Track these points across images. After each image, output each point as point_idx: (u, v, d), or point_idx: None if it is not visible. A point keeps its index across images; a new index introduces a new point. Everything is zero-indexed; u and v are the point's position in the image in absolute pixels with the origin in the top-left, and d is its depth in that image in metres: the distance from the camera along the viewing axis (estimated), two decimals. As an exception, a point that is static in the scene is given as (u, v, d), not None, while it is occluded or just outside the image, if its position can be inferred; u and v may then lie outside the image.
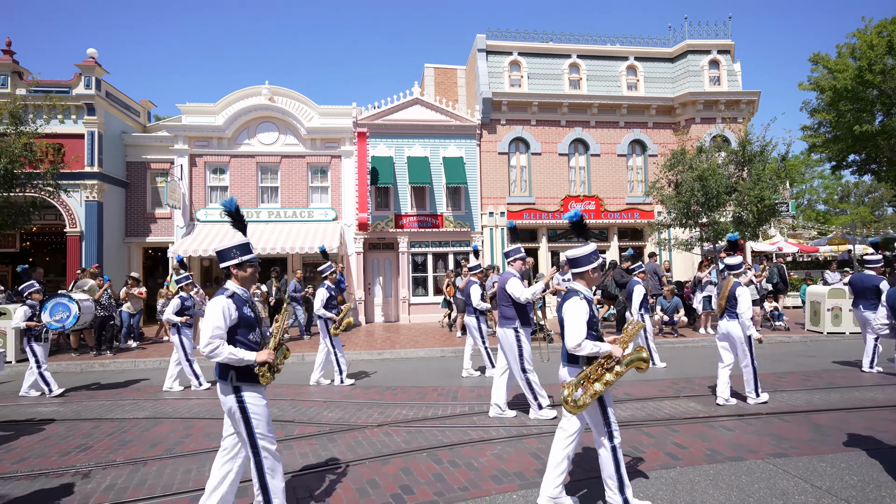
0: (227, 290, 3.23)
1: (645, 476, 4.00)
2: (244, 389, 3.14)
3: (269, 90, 15.35)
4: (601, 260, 3.50)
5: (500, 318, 5.75)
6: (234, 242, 3.30)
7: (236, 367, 3.14)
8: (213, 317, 3.08)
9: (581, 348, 3.25)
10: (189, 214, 14.97)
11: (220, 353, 3.04)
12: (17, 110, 11.69)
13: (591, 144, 16.84)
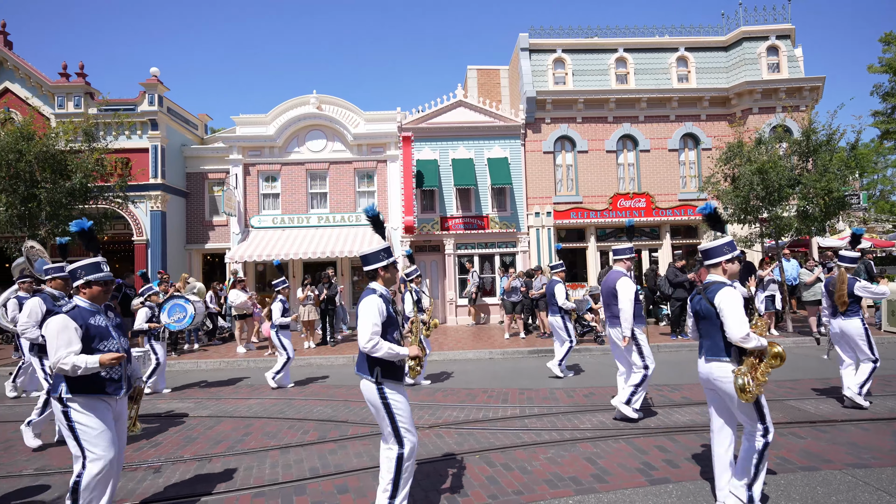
0: (376, 291, 3.35)
1: (709, 483, 3.82)
2: (387, 385, 3.27)
3: (317, 99, 15.80)
4: (737, 251, 3.47)
5: (609, 318, 5.64)
6: (379, 246, 3.46)
7: (381, 364, 3.26)
8: (370, 315, 3.21)
9: (748, 339, 3.14)
10: (244, 221, 15.60)
11: (379, 348, 3.17)
12: (90, 128, 12.58)
13: (640, 140, 16.33)
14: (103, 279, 3.32)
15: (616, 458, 4.42)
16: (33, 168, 11.60)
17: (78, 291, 3.31)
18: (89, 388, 3.12)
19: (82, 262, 3.31)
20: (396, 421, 3.25)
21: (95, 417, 3.11)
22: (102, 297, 3.35)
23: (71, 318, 3.11)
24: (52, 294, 5.42)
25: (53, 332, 3.04)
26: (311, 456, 4.72)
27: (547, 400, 6.55)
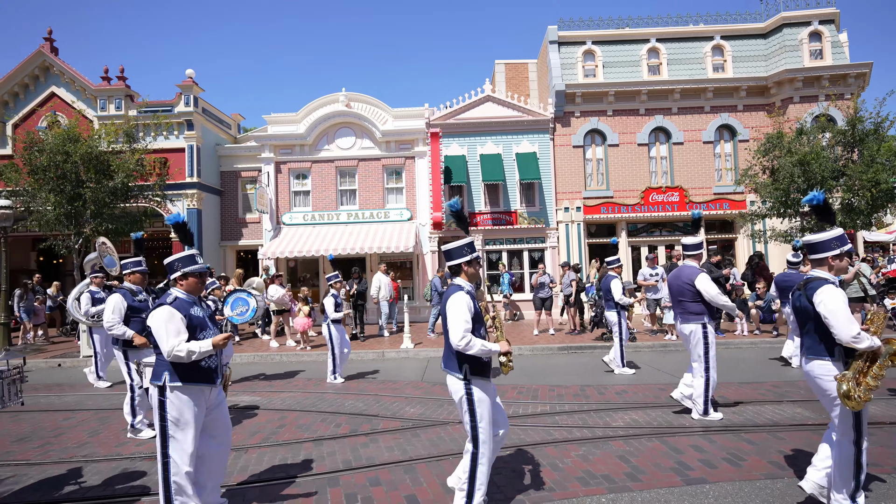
0: (462, 287, 3.33)
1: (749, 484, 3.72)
2: (474, 382, 3.24)
3: (346, 97, 15.97)
4: (848, 246, 3.25)
5: (682, 314, 5.47)
6: (463, 241, 3.41)
7: (470, 361, 3.24)
8: (461, 312, 3.18)
9: (860, 339, 2.93)
10: (276, 218, 15.93)
11: (473, 345, 3.13)
12: (130, 130, 13.05)
13: (674, 132, 15.92)
14: (199, 270, 3.39)
15: (650, 457, 4.34)
16: (79, 169, 12.12)
17: (175, 283, 3.38)
18: (192, 376, 3.19)
19: (178, 255, 3.40)
20: (476, 421, 3.22)
21: (190, 408, 3.16)
22: (198, 287, 3.43)
23: (175, 309, 3.20)
24: (131, 289, 5.53)
25: (161, 323, 3.13)
26: (343, 448, 4.80)
27: (578, 397, 6.49)
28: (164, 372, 3.17)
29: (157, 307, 3.22)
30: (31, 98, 15.84)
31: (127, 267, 5.66)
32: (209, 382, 3.27)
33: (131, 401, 5.33)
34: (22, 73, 15.62)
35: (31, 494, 4.00)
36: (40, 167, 12.05)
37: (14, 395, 3.43)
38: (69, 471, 4.49)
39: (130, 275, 5.63)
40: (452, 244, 3.43)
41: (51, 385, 8.45)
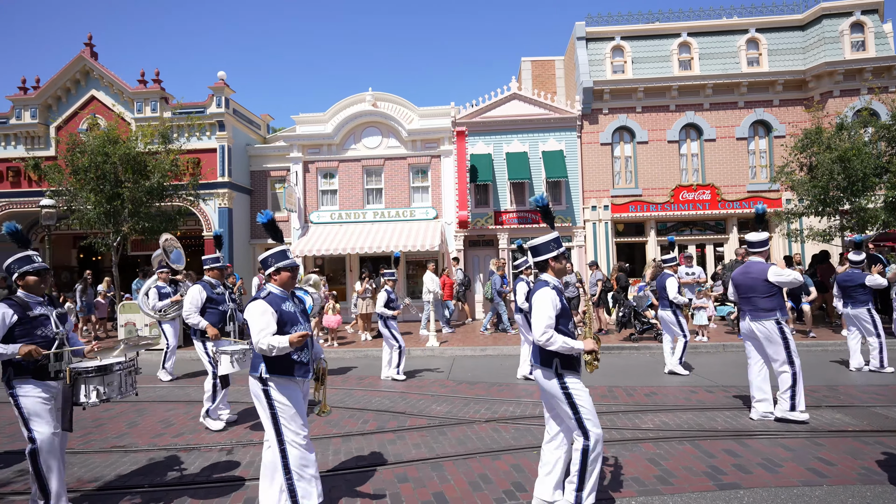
0: (549, 283, 3.36)
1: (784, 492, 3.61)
2: (566, 376, 3.27)
3: (373, 96, 16.10)
4: None
5: (753, 311, 5.33)
6: (549, 237, 3.43)
7: (560, 356, 3.26)
8: (545, 307, 3.21)
9: None
10: (304, 217, 16.18)
11: (554, 341, 3.16)
12: (166, 131, 13.45)
13: (705, 129, 15.53)
14: (291, 265, 3.49)
15: (681, 461, 4.26)
16: (117, 169, 12.55)
17: (269, 279, 3.50)
18: (284, 369, 3.30)
19: (272, 251, 3.52)
20: (580, 412, 3.21)
21: (290, 398, 3.29)
22: (291, 282, 3.53)
23: (268, 304, 3.31)
24: (210, 281, 5.78)
25: (256, 315, 3.26)
26: (371, 445, 4.86)
27: (606, 398, 6.41)
28: (260, 364, 3.30)
29: (252, 301, 3.36)
30: (73, 101, 16.47)
31: (207, 263, 5.89)
32: (302, 375, 3.37)
33: (213, 388, 5.50)
34: (64, 78, 16.25)
35: (77, 481, 4.18)
36: (81, 168, 12.52)
37: (129, 386, 3.58)
38: (111, 460, 4.68)
39: (210, 270, 5.87)
40: (539, 240, 3.43)
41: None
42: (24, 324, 3.41)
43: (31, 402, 3.35)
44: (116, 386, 3.48)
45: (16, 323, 3.38)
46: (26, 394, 3.36)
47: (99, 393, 3.38)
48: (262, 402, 3.29)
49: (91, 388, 3.36)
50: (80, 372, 3.35)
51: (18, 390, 3.36)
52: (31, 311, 3.47)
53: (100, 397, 3.37)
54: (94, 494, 3.96)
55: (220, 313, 5.69)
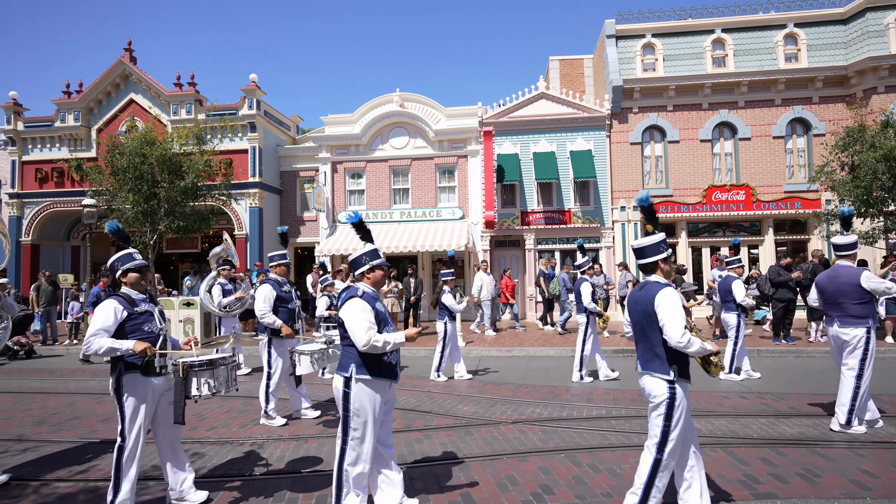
0: (665, 284, 3.27)
1: None
2: (679, 384, 3.13)
3: (400, 97, 16.21)
4: None
5: (842, 318, 5.15)
6: (657, 238, 3.34)
7: (679, 361, 3.14)
8: (677, 309, 3.09)
9: None
10: (332, 216, 16.41)
11: (692, 343, 3.03)
12: (200, 132, 13.82)
13: (740, 127, 15.10)
14: (384, 264, 3.47)
15: (714, 468, 4.16)
16: (154, 170, 12.95)
17: (362, 277, 3.47)
18: (373, 370, 3.25)
19: (365, 250, 3.48)
20: (671, 427, 3.07)
21: (371, 402, 3.23)
22: (382, 281, 3.51)
23: (366, 302, 3.27)
24: (277, 279, 5.75)
25: (356, 312, 3.21)
26: (398, 443, 4.89)
27: (635, 402, 6.30)
28: (351, 364, 3.26)
29: (347, 299, 3.31)
30: (113, 105, 17.10)
31: (273, 259, 5.85)
32: (392, 378, 3.34)
33: (266, 387, 5.51)
34: (105, 82, 16.88)
35: (116, 471, 4.34)
36: (121, 169, 12.97)
37: (233, 381, 3.62)
38: (149, 450, 4.83)
39: (276, 267, 5.81)
40: (645, 241, 3.35)
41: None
42: (133, 319, 3.47)
43: (134, 401, 3.38)
44: (223, 380, 3.52)
45: (125, 319, 3.44)
46: (132, 391, 3.38)
47: (210, 386, 3.43)
48: (340, 402, 3.28)
49: (202, 382, 3.41)
50: (192, 366, 3.40)
51: (126, 387, 3.39)
52: (137, 306, 3.53)
53: (210, 390, 3.42)
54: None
55: (290, 311, 5.67)
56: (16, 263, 17.16)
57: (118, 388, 3.39)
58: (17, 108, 17.37)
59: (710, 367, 3.26)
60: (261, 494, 3.82)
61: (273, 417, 5.54)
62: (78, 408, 6.50)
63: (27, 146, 17.50)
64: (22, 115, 17.49)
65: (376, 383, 3.27)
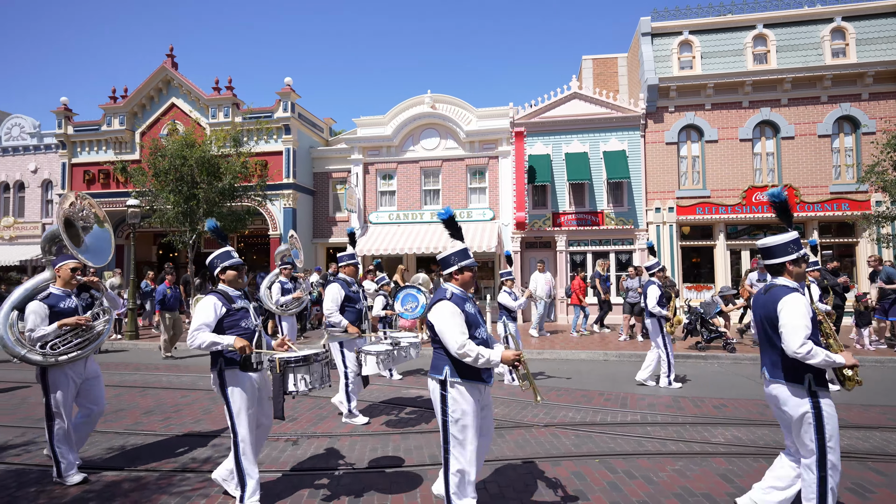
0: (789, 286, 3.08)
1: (878, 521, 3.31)
2: (821, 395, 2.95)
3: (431, 98, 16.27)
4: None
5: None
6: (787, 237, 3.13)
7: (814, 371, 2.95)
8: (800, 315, 2.92)
9: None
10: (363, 217, 16.60)
11: (815, 354, 2.85)
12: (237, 135, 14.21)
13: (783, 126, 14.54)
14: (473, 265, 3.32)
15: (756, 478, 3.96)
16: (194, 171, 13.39)
17: (450, 278, 3.32)
18: (470, 373, 3.13)
19: (453, 250, 3.33)
20: (825, 439, 2.88)
21: (470, 405, 3.11)
22: (472, 282, 3.35)
23: (455, 304, 3.14)
24: (346, 279, 5.76)
25: (447, 316, 3.09)
26: (429, 443, 4.89)
27: (671, 408, 6.13)
28: (445, 366, 3.15)
29: (436, 302, 3.20)
30: (156, 109, 17.74)
31: (342, 260, 5.86)
32: (486, 380, 3.21)
33: (346, 387, 5.53)
34: (148, 87, 17.54)
35: (159, 461, 4.49)
36: (162, 170, 13.47)
37: (326, 377, 3.61)
38: (189, 443, 4.99)
39: (345, 267, 5.81)
40: (773, 240, 3.14)
41: (169, 366, 9.43)
42: (231, 315, 3.55)
43: (239, 394, 3.47)
44: (318, 376, 3.53)
45: (224, 315, 3.52)
46: (234, 386, 3.48)
47: (306, 382, 3.43)
48: (437, 408, 3.18)
49: (299, 378, 3.41)
50: (289, 362, 3.41)
51: (228, 382, 3.48)
52: (234, 303, 3.60)
53: (307, 386, 3.43)
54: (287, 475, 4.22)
55: (357, 311, 5.66)
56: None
57: (222, 383, 3.50)
58: (68, 113, 18.22)
59: (845, 382, 3.05)
60: (350, 493, 3.82)
61: (356, 416, 5.56)
62: (123, 400, 6.76)
63: (76, 149, 18.34)
64: (71, 120, 18.34)
65: (472, 386, 3.14)
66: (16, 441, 5.11)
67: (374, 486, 3.95)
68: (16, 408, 6.51)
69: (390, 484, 3.98)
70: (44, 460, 4.53)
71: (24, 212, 19.24)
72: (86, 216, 4.34)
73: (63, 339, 4.01)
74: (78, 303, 4.22)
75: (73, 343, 4.05)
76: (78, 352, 4.06)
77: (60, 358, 3.97)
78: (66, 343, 4.02)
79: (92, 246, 4.30)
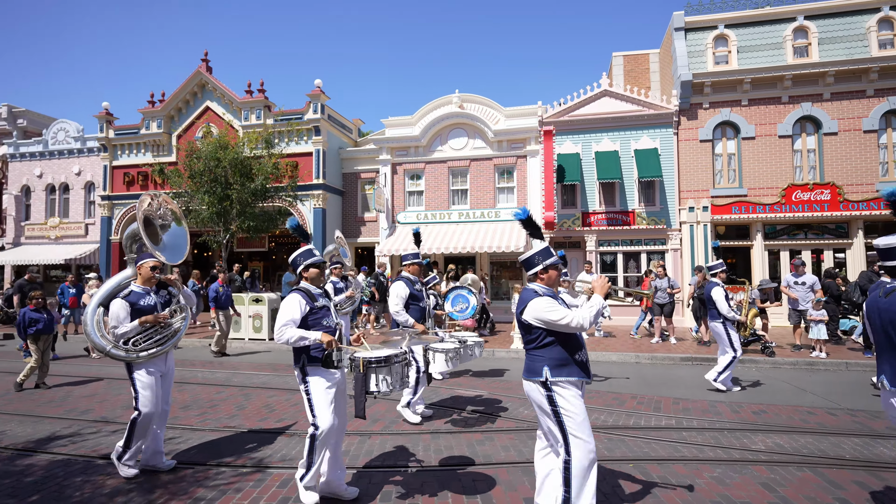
0: None
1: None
2: None
3: (459, 98, 16.25)
4: None
5: None
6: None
7: None
8: None
9: None
10: (391, 217, 16.70)
11: None
12: (269, 137, 14.49)
13: (825, 121, 13.97)
14: (557, 263, 3.31)
15: (801, 489, 3.85)
16: (227, 173, 13.72)
17: (535, 278, 3.31)
18: (569, 371, 3.12)
19: (537, 249, 3.34)
20: None
21: (577, 402, 3.08)
22: (557, 281, 3.34)
23: (551, 297, 3.18)
24: (409, 278, 5.80)
25: (553, 306, 3.08)
26: (460, 444, 4.88)
27: (707, 413, 5.96)
28: (543, 367, 3.13)
29: (530, 301, 3.17)
30: (191, 112, 18.26)
31: (407, 258, 5.90)
32: (585, 377, 3.18)
33: (416, 381, 5.53)
34: (184, 91, 18.06)
35: (195, 455, 4.61)
36: (197, 172, 13.85)
37: (406, 378, 3.60)
38: (224, 439, 5.10)
39: (409, 265, 5.86)
40: (891, 239, 3.07)
41: (204, 362, 9.68)
42: (313, 314, 3.61)
43: (321, 390, 3.54)
44: (399, 377, 3.52)
45: (307, 312, 3.58)
46: (317, 382, 3.55)
47: (388, 383, 3.43)
48: (545, 409, 3.12)
49: (381, 378, 3.42)
50: (371, 362, 3.42)
51: (311, 378, 3.56)
52: (317, 301, 3.66)
53: (388, 387, 3.43)
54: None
55: (421, 310, 5.69)
56: (107, 259, 18.71)
57: (304, 378, 3.58)
58: (109, 118, 18.92)
59: None
60: (424, 493, 3.83)
61: (415, 412, 5.58)
62: (160, 395, 6.96)
63: (116, 152, 19.03)
64: (112, 124, 19.04)
65: (572, 383, 3.13)
66: (63, 432, 5.33)
67: (447, 485, 3.95)
68: (62, 400, 6.79)
69: (465, 484, 3.98)
70: (89, 451, 4.71)
71: (69, 212, 20.08)
72: (163, 214, 4.43)
73: (144, 335, 4.15)
74: (157, 300, 4.34)
75: (153, 340, 4.18)
76: (157, 348, 4.19)
77: (141, 354, 4.11)
78: (147, 339, 4.16)
79: (169, 243, 4.40)
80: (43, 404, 6.59)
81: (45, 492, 3.87)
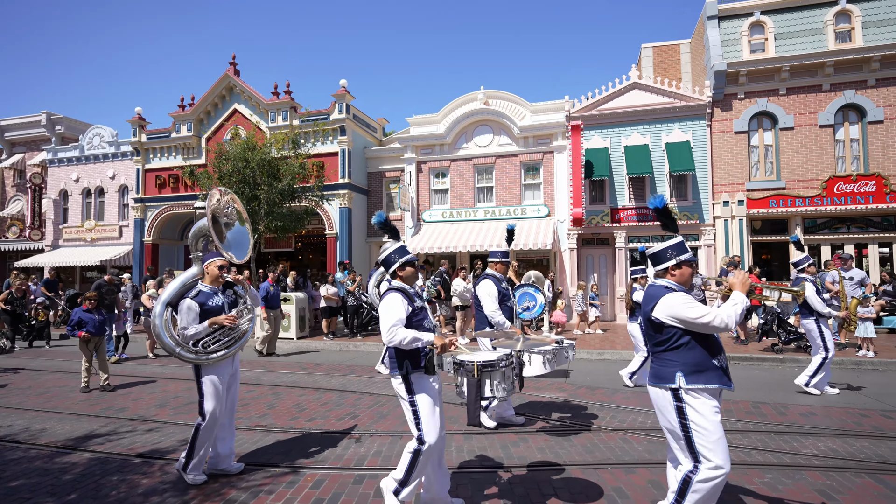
0: None
1: None
2: None
3: (484, 94, 16.07)
4: None
5: None
6: None
7: None
8: None
9: None
10: (416, 216, 16.64)
11: None
12: (295, 137, 14.59)
13: (870, 109, 13.30)
14: (692, 259, 3.08)
15: (861, 497, 3.60)
16: (255, 173, 13.86)
17: (665, 273, 3.04)
18: (706, 378, 2.80)
19: (671, 243, 3.06)
20: None
21: (713, 418, 2.75)
22: (690, 280, 3.07)
23: (683, 293, 2.94)
24: (497, 276, 5.62)
25: (689, 302, 2.83)
26: (493, 445, 4.76)
27: (751, 415, 5.69)
28: (675, 372, 2.82)
29: (661, 297, 2.92)
30: (220, 115, 18.56)
31: (495, 256, 5.76)
32: (723, 384, 2.83)
33: None
34: (213, 94, 18.36)
35: (228, 455, 4.60)
36: (226, 173, 14.03)
37: (515, 379, 3.37)
38: (256, 439, 5.09)
39: (496, 264, 5.72)
40: None
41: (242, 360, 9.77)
42: (416, 315, 3.32)
43: (428, 402, 3.25)
44: (511, 382, 3.34)
45: (409, 313, 3.28)
46: (422, 389, 3.27)
47: (503, 389, 3.25)
48: (672, 419, 2.83)
49: (496, 383, 3.23)
50: (485, 366, 3.23)
51: (416, 387, 3.26)
52: (415, 301, 3.37)
53: (504, 392, 3.26)
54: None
55: (509, 309, 5.49)
56: (139, 260, 19.19)
57: (409, 388, 3.27)
58: (142, 122, 19.39)
59: None
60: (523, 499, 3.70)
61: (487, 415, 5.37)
62: (193, 393, 7.02)
63: (149, 155, 19.49)
64: (145, 129, 19.51)
65: (710, 392, 2.81)
66: (100, 431, 5.41)
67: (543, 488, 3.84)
68: (98, 398, 6.93)
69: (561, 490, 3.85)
70: (125, 449, 4.76)
71: (104, 215, 20.68)
72: (229, 213, 4.31)
73: (212, 336, 4.02)
74: (224, 300, 4.19)
75: (221, 342, 4.04)
76: (225, 350, 4.05)
77: (210, 356, 3.97)
78: (215, 341, 4.03)
79: (233, 241, 4.27)
80: (80, 402, 6.73)
81: (82, 490, 3.91)
